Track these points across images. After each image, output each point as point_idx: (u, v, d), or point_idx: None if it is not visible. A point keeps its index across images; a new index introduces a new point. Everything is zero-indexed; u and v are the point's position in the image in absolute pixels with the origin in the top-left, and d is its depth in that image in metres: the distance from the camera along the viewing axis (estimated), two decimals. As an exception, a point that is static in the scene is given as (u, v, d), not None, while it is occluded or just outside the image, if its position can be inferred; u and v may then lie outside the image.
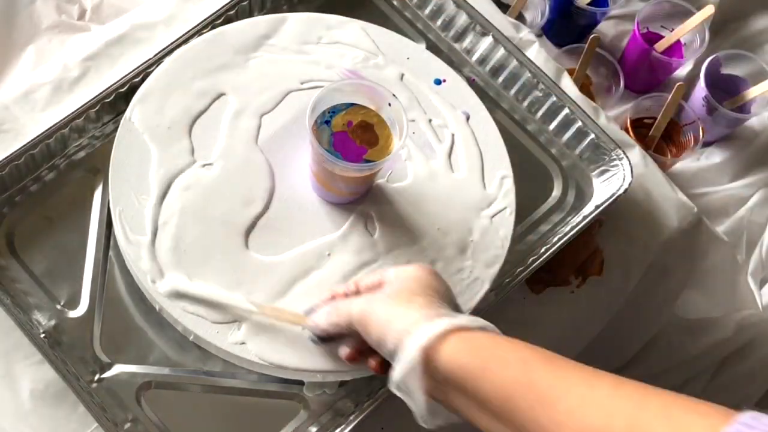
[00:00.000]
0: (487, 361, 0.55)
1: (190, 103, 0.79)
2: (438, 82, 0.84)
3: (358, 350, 0.67)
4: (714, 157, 1.08)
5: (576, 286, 0.85)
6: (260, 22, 0.84)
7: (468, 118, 0.83)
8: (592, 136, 0.86)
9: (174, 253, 0.74)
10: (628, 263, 0.87)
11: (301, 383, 0.76)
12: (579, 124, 0.87)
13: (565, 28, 1.10)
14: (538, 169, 0.88)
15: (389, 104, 0.72)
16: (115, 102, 0.82)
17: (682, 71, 1.11)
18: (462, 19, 0.90)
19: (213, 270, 0.74)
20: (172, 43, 0.83)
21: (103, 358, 0.75)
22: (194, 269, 0.73)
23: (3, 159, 0.78)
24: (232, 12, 0.86)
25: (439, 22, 0.91)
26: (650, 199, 0.89)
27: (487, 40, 0.89)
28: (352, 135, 0.73)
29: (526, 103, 0.89)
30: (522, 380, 0.53)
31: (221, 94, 0.80)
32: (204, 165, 0.77)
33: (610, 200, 0.83)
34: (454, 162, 0.81)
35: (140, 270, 0.73)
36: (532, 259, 0.81)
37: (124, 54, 0.88)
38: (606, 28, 1.12)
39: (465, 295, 0.76)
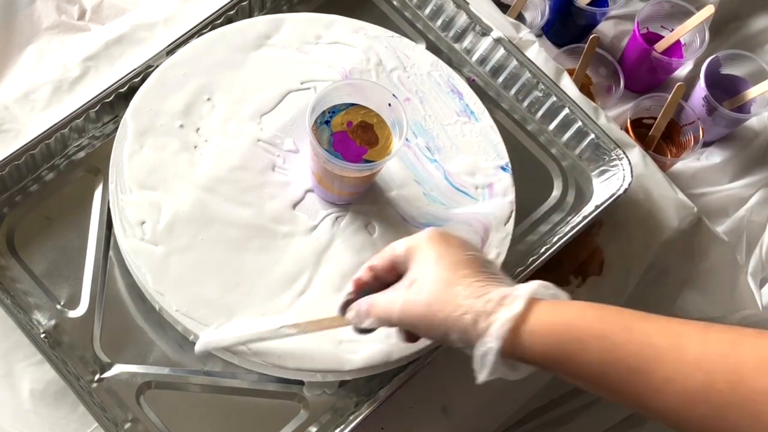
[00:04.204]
0: (567, 347, 0.54)
1: (190, 103, 0.79)
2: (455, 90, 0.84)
3: (409, 333, 0.65)
4: (714, 157, 1.08)
5: (576, 286, 0.85)
6: (260, 22, 0.84)
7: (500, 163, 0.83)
8: (592, 136, 0.86)
9: (173, 252, 0.74)
10: (628, 263, 0.87)
11: (301, 383, 0.76)
12: (579, 124, 0.87)
13: (565, 28, 1.10)
14: (538, 169, 0.88)
15: (389, 104, 0.72)
16: (115, 102, 0.82)
17: (682, 71, 1.11)
18: (462, 19, 0.90)
19: (212, 270, 0.74)
20: (172, 43, 0.83)
21: (103, 358, 0.75)
22: (193, 269, 0.74)
23: (3, 159, 0.78)
24: (232, 12, 0.86)
25: (439, 22, 0.91)
26: (650, 199, 0.89)
27: (487, 40, 0.89)
28: (352, 135, 0.73)
29: (526, 103, 0.89)
30: (609, 359, 0.53)
31: (221, 94, 0.80)
32: (204, 165, 0.77)
33: (610, 200, 0.83)
34: (454, 162, 0.81)
35: (140, 270, 0.73)
36: (532, 259, 0.81)
37: (124, 54, 0.88)
38: (606, 28, 1.12)
39: (465, 295, 0.76)
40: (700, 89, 1.02)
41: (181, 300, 0.72)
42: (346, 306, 0.66)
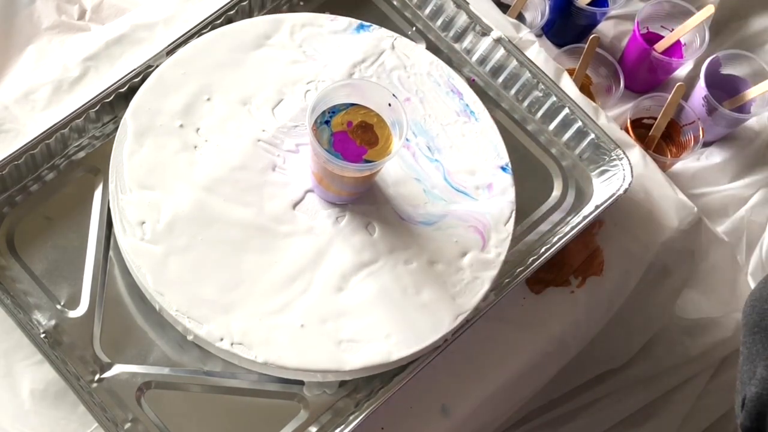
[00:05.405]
0: None
1: (190, 103, 0.79)
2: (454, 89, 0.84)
3: None
4: (714, 157, 1.08)
5: (576, 286, 0.85)
6: (260, 22, 0.84)
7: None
8: (592, 136, 0.86)
9: (173, 252, 0.74)
10: (628, 263, 0.87)
11: (301, 383, 0.76)
12: (579, 124, 0.87)
13: (565, 28, 1.10)
14: (538, 169, 0.88)
15: (389, 104, 0.72)
16: (115, 102, 0.82)
17: (682, 71, 1.11)
18: (462, 19, 0.90)
19: (212, 270, 0.74)
20: (172, 43, 0.83)
21: (103, 358, 0.75)
22: (193, 269, 0.74)
23: (3, 159, 0.78)
24: (232, 12, 0.86)
25: (439, 22, 0.91)
26: (650, 199, 0.89)
27: (487, 40, 0.89)
28: (352, 135, 0.73)
29: (526, 103, 0.89)
30: None
31: (221, 94, 0.80)
32: (204, 165, 0.77)
33: (610, 200, 0.83)
34: (454, 162, 0.81)
35: (140, 270, 0.73)
36: (532, 259, 0.81)
37: (124, 54, 0.88)
38: (606, 28, 1.12)
39: (465, 295, 0.76)
40: (700, 89, 1.02)
41: (181, 300, 0.72)
42: None
